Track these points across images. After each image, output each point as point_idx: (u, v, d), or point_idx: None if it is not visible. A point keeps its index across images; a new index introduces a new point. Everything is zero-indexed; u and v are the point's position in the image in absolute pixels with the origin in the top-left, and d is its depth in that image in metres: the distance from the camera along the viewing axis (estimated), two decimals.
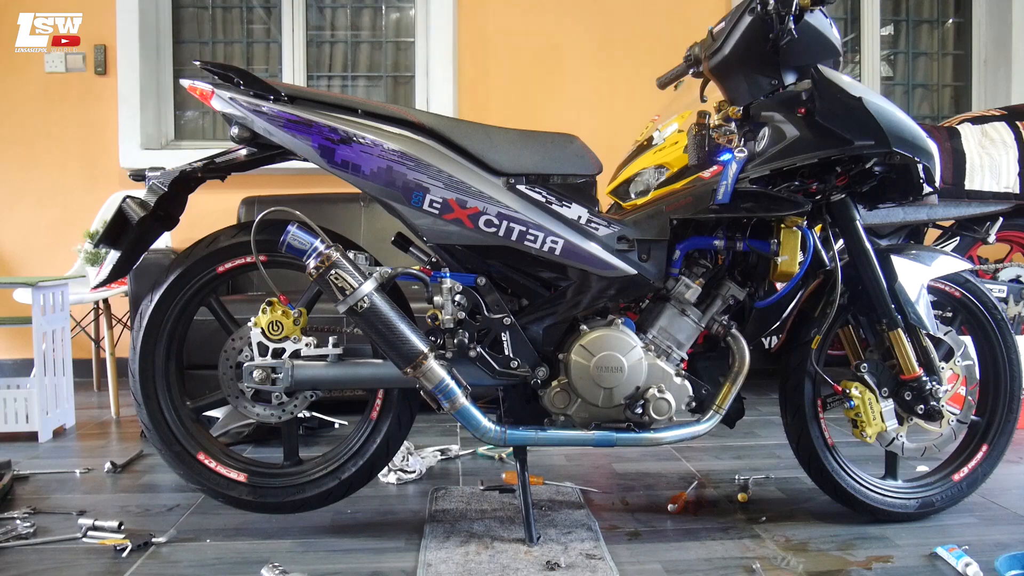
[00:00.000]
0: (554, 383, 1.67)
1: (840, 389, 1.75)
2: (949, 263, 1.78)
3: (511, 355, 1.65)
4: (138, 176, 1.65)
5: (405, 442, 1.97)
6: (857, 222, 1.71)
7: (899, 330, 1.70)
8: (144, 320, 1.69)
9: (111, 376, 3.03)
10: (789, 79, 1.65)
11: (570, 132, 1.70)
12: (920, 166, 1.61)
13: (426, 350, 1.55)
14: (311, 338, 1.68)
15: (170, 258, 2.02)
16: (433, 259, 1.71)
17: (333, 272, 1.52)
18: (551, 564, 1.54)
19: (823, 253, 1.73)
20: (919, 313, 1.70)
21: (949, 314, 1.89)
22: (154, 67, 3.81)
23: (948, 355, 1.78)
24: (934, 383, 1.71)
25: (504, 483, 2.02)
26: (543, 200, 1.64)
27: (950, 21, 4.35)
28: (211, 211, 3.07)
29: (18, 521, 1.78)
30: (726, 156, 1.63)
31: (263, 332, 1.65)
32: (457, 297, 1.61)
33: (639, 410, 1.64)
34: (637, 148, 1.92)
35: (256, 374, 1.64)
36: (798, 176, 1.65)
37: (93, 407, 3.16)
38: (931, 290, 1.79)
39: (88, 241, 3.16)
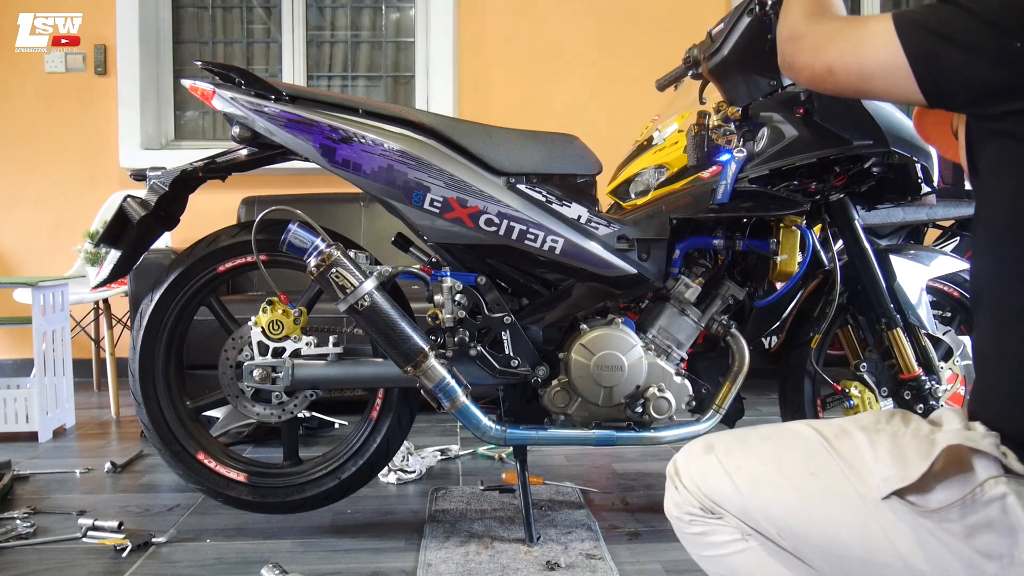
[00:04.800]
0: (554, 382, 1.67)
1: (840, 388, 1.75)
2: (948, 263, 1.78)
3: (511, 354, 1.65)
4: (139, 176, 1.65)
5: (405, 442, 1.96)
6: (856, 222, 1.71)
7: (898, 330, 1.70)
8: (144, 320, 1.69)
9: (111, 376, 3.03)
10: (788, 80, 1.65)
11: (570, 132, 1.70)
12: (919, 166, 1.61)
13: (426, 348, 1.55)
14: (311, 337, 1.68)
15: (170, 258, 2.02)
16: (433, 258, 1.71)
17: (334, 270, 1.52)
18: (551, 564, 1.55)
19: (822, 253, 1.73)
20: (918, 313, 1.70)
21: (948, 314, 1.89)
22: (154, 67, 3.81)
23: (947, 355, 1.78)
24: (933, 383, 1.71)
25: (504, 483, 2.02)
26: (543, 199, 1.64)
27: None
28: (211, 211, 3.07)
29: (18, 521, 1.78)
30: (725, 156, 1.63)
31: (263, 331, 1.65)
32: (457, 296, 1.62)
33: (639, 409, 1.64)
34: (637, 148, 1.92)
35: (256, 373, 1.64)
36: (797, 176, 1.65)
37: (93, 407, 3.16)
38: (930, 290, 1.79)
39: (88, 241, 3.16)
